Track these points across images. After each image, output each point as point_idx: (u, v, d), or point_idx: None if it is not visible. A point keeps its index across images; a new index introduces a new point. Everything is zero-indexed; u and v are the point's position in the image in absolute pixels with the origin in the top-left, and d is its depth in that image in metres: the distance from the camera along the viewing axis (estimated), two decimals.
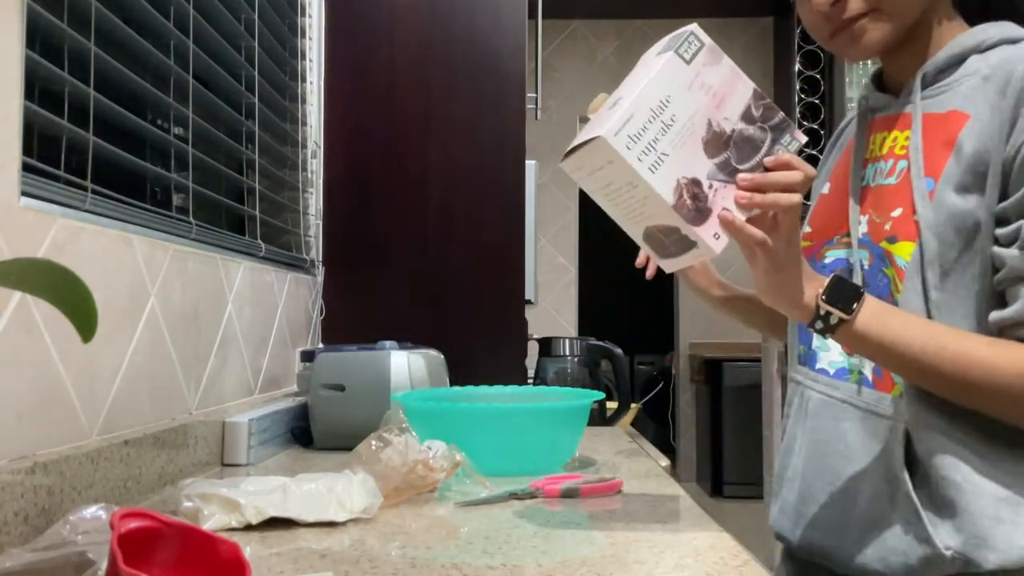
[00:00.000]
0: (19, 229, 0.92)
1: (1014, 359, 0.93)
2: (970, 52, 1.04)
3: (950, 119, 1.02)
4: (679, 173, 0.92)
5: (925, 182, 1.01)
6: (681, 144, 0.92)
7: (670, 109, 0.93)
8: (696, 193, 0.92)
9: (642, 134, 0.91)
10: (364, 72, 2.28)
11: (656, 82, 0.93)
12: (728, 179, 0.94)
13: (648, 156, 0.91)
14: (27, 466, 0.90)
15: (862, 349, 0.98)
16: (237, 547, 0.71)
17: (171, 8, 1.40)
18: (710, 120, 0.94)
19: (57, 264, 0.59)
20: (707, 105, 0.94)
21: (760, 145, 0.95)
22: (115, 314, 1.13)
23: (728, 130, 0.94)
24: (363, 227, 2.28)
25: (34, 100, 0.98)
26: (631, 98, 0.92)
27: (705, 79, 0.94)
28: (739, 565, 0.88)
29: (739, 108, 0.95)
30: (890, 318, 0.97)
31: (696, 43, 0.94)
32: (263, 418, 1.52)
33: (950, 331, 0.96)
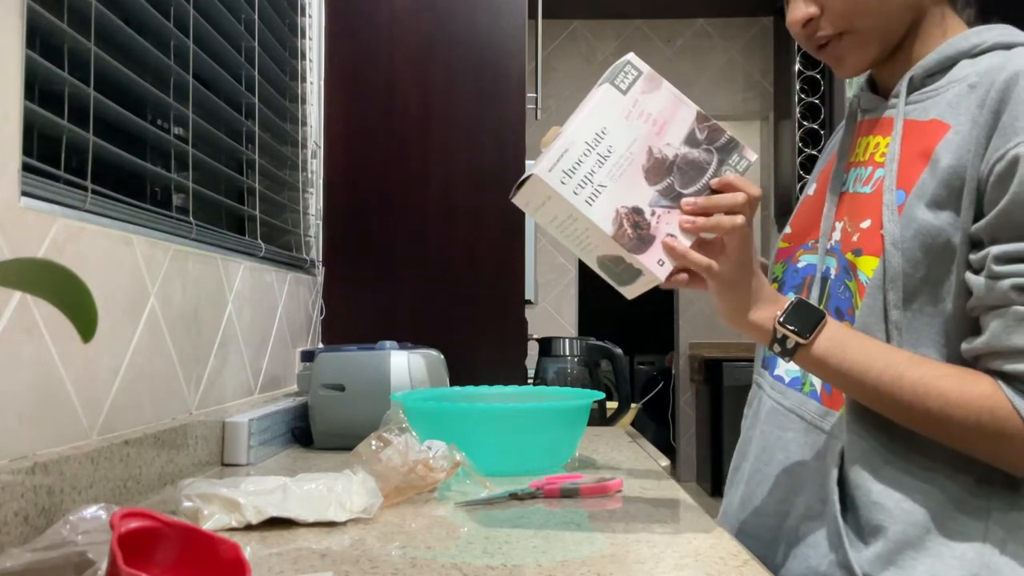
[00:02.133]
0: (19, 229, 0.92)
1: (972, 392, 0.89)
2: (961, 56, 0.99)
3: (931, 128, 0.96)
4: (618, 203, 0.93)
5: (896, 195, 0.96)
6: (620, 174, 0.93)
7: (606, 140, 0.93)
8: (637, 221, 0.93)
9: (577, 168, 0.92)
10: (364, 72, 2.28)
11: (591, 115, 0.94)
12: (672, 204, 0.94)
13: (584, 189, 0.92)
14: (27, 466, 0.90)
15: (820, 373, 0.96)
16: (237, 547, 0.71)
17: (171, 8, 1.40)
18: (651, 147, 0.94)
19: (57, 264, 0.59)
20: (647, 133, 0.94)
21: (706, 167, 0.95)
22: (115, 314, 1.13)
23: (671, 155, 0.94)
24: (363, 227, 2.28)
25: (34, 100, 0.98)
26: (565, 133, 0.93)
27: (644, 107, 0.95)
28: (739, 565, 0.88)
29: (682, 132, 0.95)
30: (850, 344, 0.94)
31: (633, 72, 0.95)
32: (263, 418, 1.52)
33: (910, 359, 0.93)
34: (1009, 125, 0.89)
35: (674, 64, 5.24)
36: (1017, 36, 0.99)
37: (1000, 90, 0.91)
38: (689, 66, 5.23)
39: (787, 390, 1.07)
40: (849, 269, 0.99)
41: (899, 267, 0.94)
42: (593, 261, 0.97)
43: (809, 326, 0.94)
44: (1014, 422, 0.88)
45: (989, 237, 0.90)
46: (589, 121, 0.94)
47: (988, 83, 0.93)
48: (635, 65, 0.96)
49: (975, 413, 0.89)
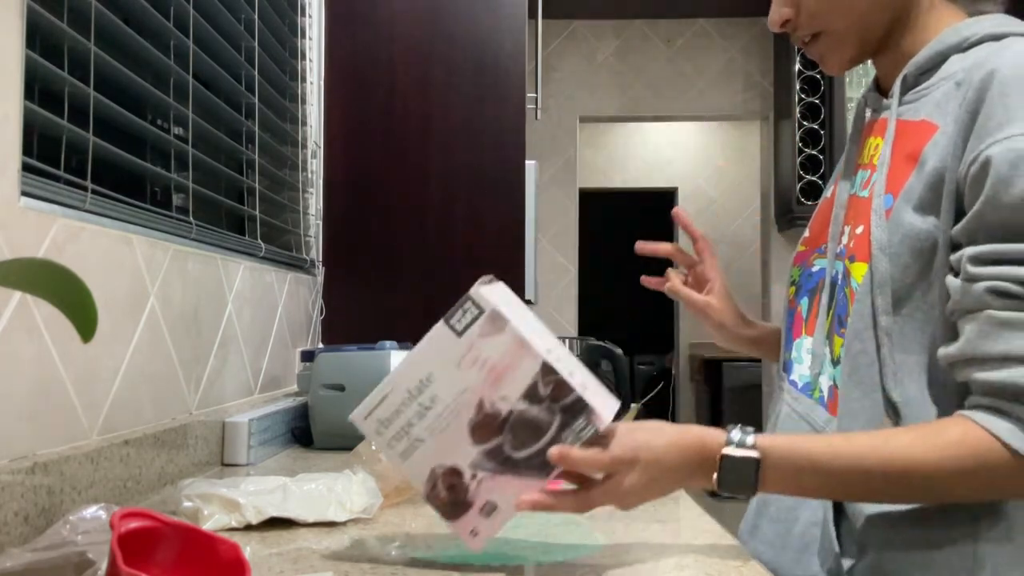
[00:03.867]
0: (19, 229, 0.92)
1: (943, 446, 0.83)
2: (952, 51, 0.96)
3: (920, 129, 0.94)
4: (434, 461, 0.83)
5: (884, 199, 0.93)
6: (441, 429, 0.83)
7: (431, 389, 0.83)
8: (453, 484, 0.83)
9: (395, 418, 0.84)
10: (364, 72, 2.28)
11: (417, 358, 0.84)
12: (499, 469, 0.82)
13: (400, 442, 0.84)
14: (27, 466, 0.90)
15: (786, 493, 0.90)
16: (237, 547, 0.71)
17: (171, 8, 1.40)
18: (482, 400, 0.82)
19: (57, 264, 0.59)
20: (479, 383, 0.82)
21: (544, 429, 0.82)
22: (115, 314, 1.13)
23: (504, 411, 0.82)
24: (363, 227, 2.28)
25: (34, 100, 0.98)
26: (388, 376, 0.85)
27: (480, 352, 0.82)
28: (739, 565, 0.88)
29: (522, 385, 0.82)
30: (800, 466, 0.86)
31: (473, 311, 0.83)
32: (263, 418, 1.52)
33: (866, 445, 0.86)
34: (983, 126, 0.86)
35: (674, 64, 5.25)
36: (1009, 25, 0.95)
37: (977, 89, 0.88)
38: (689, 66, 5.23)
39: (800, 396, 1.06)
40: (846, 276, 0.97)
41: (886, 272, 0.91)
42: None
43: (748, 481, 0.86)
44: (996, 451, 0.82)
45: (967, 239, 0.87)
46: (414, 365, 0.84)
47: (970, 80, 0.89)
48: (476, 302, 0.83)
49: (956, 465, 0.83)
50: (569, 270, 5.23)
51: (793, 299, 1.10)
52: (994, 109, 0.86)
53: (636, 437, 0.86)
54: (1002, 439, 0.81)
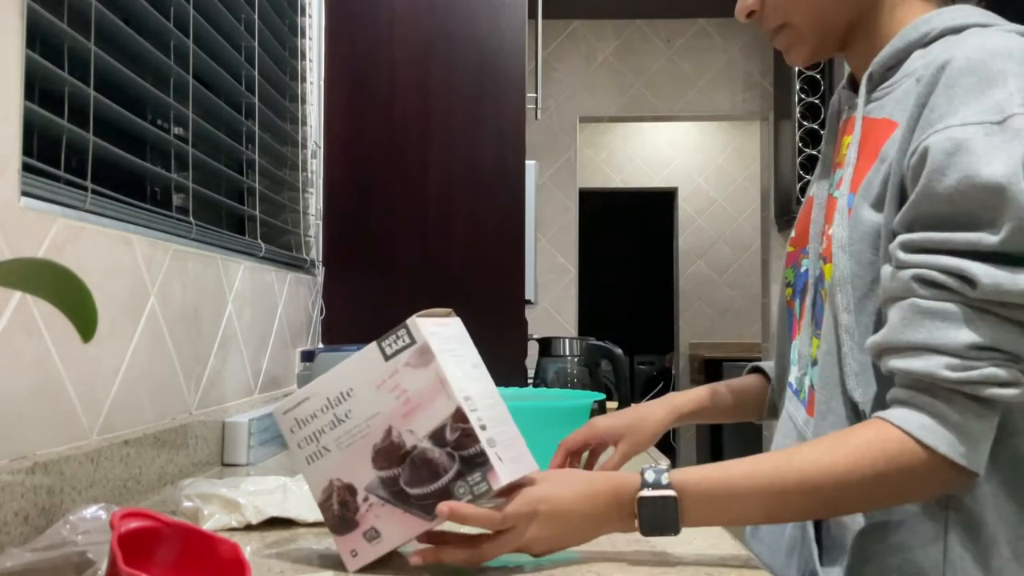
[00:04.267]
0: (19, 229, 0.92)
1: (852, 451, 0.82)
2: (913, 47, 0.94)
3: (883, 127, 0.93)
4: (334, 474, 0.84)
5: (848, 198, 0.93)
6: (348, 444, 0.84)
7: (348, 404, 0.84)
8: (346, 501, 0.84)
9: (309, 421, 0.85)
10: (364, 72, 2.28)
11: (343, 370, 0.84)
12: (390, 499, 0.82)
13: (309, 446, 0.85)
14: (27, 466, 0.90)
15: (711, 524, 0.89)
16: (237, 547, 0.71)
17: (171, 8, 1.40)
18: (391, 427, 0.82)
19: (57, 264, 0.59)
20: (393, 410, 0.82)
21: (441, 473, 0.81)
22: (115, 314, 1.13)
23: (408, 445, 0.82)
24: (363, 227, 2.28)
25: (34, 100, 0.98)
26: (315, 380, 0.86)
27: (401, 381, 0.82)
28: (739, 565, 0.88)
29: (431, 424, 0.82)
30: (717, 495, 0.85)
31: (405, 339, 0.83)
32: (263, 418, 1.52)
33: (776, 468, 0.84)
34: (927, 118, 0.85)
35: (674, 64, 5.25)
36: (969, 16, 0.93)
37: (927, 83, 0.86)
38: (689, 66, 5.23)
39: (792, 397, 1.06)
40: (821, 276, 0.97)
41: (847, 270, 0.90)
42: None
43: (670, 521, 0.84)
44: (909, 450, 0.81)
45: (904, 229, 0.85)
46: (339, 376, 0.84)
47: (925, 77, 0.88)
48: (410, 331, 0.83)
49: (869, 469, 0.81)
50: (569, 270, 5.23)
51: (791, 300, 1.10)
52: (938, 101, 0.85)
53: (538, 490, 0.85)
54: (914, 435, 0.80)
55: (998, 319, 0.80)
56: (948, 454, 0.80)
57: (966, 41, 0.88)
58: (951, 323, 0.80)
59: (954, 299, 0.81)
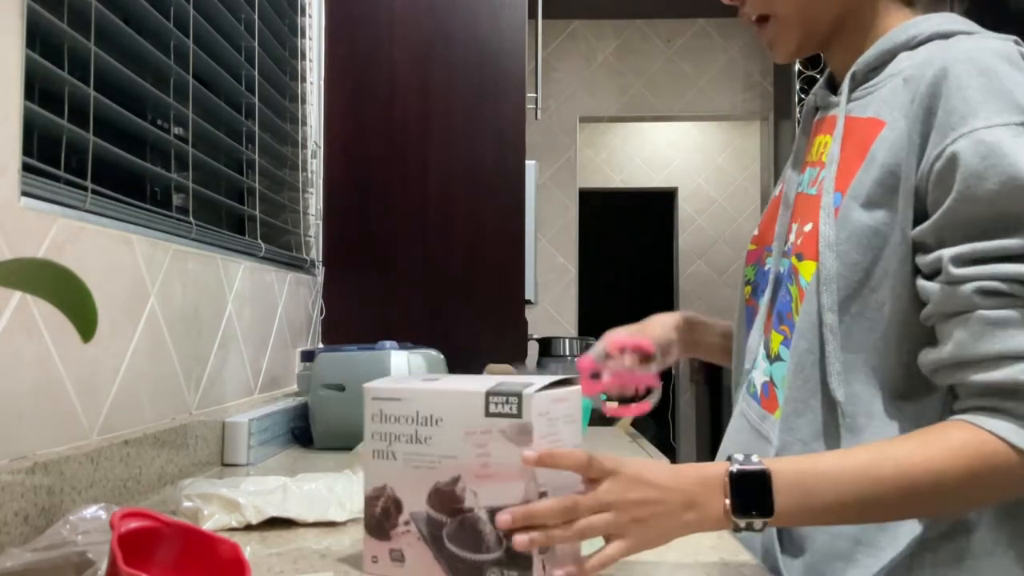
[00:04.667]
0: (19, 229, 0.92)
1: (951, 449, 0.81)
2: (900, 49, 0.95)
3: (868, 125, 0.93)
4: (392, 482, 0.82)
5: (834, 197, 0.92)
6: (415, 466, 0.81)
7: (433, 430, 0.80)
8: (390, 512, 0.82)
9: (392, 421, 0.82)
10: (364, 72, 2.28)
11: (445, 396, 0.80)
12: (428, 538, 0.80)
13: (382, 442, 0.83)
14: (27, 466, 0.90)
15: (800, 523, 0.88)
16: (237, 547, 0.71)
17: (171, 8, 1.40)
18: (460, 478, 0.79)
19: (57, 264, 0.59)
20: (469, 464, 0.78)
21: (483, 550, 0.78)
22: (115, 314, 1.13)
23: (467, 504, 0.78)
24: (363, 227, 2.28)
25: (34, 100, 0.98)
26: (414, 383, 0.83)
27: (489, 442, 0.78)
28: (739, 565, 0.88)
29: (497, 500, 0.77)
30: (811, 483, 0.82)
31: (513, 409, 0.77)
32: (263, 418, 1.52)
33: (872, 457, 0.83)
34: (944, 121, 0.84)
35: (674, 64, 5.25)
36: (956, 24, 0.94)
37: (930, 84, 0.86)
38: (689, 66, 5.23)
39: (745, 393, 1.06)
40: (792, 274, 0.97)
41: (833, 270, 0.90)
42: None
43: (763, 498, 0.81)
44: (1002, 452, 0.80)
45: (936, 239, 0.85)
46: (440, 399, 0.80)
47: (920, 77, 0.88)
48: (522, 405, 0.77)
49: (965, 468, 0.80)
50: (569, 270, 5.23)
51: (751, 298, 1.10)
52: (953, 104, 0.84)
53: (617, 459, 0.81)
54: (1008, 440, 0.80)
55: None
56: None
57: (960, 44, 0.89)
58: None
59: (1021, 304, 0.81)
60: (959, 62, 0.85)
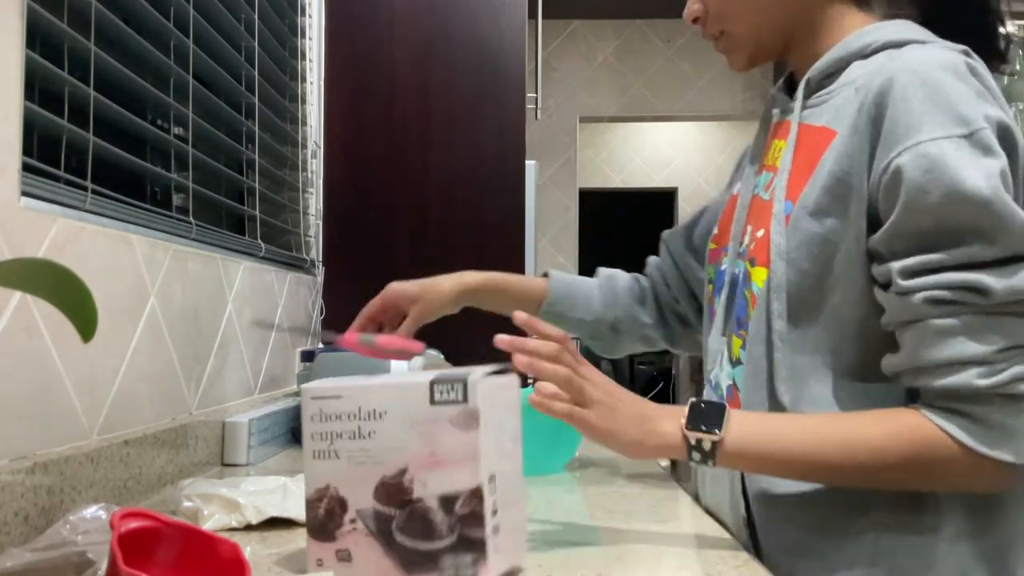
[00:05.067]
0: (19, 229, 0.92)
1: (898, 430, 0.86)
2: (853, 57, 0.96)
3: (821, 135, 0.94)
4: (334, 481, 0.80)
5: (785, 205, 0.94)
6: (359, 462, 0.79)
7: (376, 424, 0.79)
8: (334, 512, 0.80)
9: (332, 419, 0.80)
10: (364, 72, 2.28)
11: (387, 389, 0.80)
12: (376, 533, 0.79)
13: (322, 442, 0.81)
14: (27, 466, 0.90)
15: (745, 464, 0.92)
16: (237, 547, 0.71)
17: (171, 8, 1.40)
18: (407, 469, 0.78)
19: (57, 264, 0.59)
20: (416, 455, 0.78)
21: (435, 538, 0.77)
22: (115, 314, 1.13)
23: (416, 494, 0.78)
24: (363, 227, 2.28)
25: (34, 100, 0.98)
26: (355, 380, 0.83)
27: (436, 431, 0.77)
28: (739, 565, 0.88)
29: (446, 487, 0.77)
30: (762, 425, 0.90)
31: (459, 395, 0.77)
32: (263, 418, 1.52)
33: (827, 419, 0.89)
34: (890, 133, 0.86)
35: (674, 64, 5.25)
36: (910, 32, 0.95)
37: (876, 95, 0.88)
38: (689, 66, 5.23)
39: (710, 393, 1.09)
40: (747, 278, 0.98)
41: (783, 277, 0.92)
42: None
43: (717, 421, 0.89)
44: (946, 445, 0.84)
45: (887, 250, 0.88)
46: (381, 392, 0.80)
47: (868, 87, 0.90)
48: (467, 391, 0.77)
49: (907, 450, 0.85)
50: (569, 270, 5.23)
51: (712, 297, 1.12)
52: (898, 116, 0.86)
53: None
54: (952, 435, 0.84)
55: (1015, 317, 0.83)
56: (991, 454, 0.83)
57: (909, 54, 0.90)
58: (972, 335, 0.83)
59: (969, 311, 0.83)
60: (904, 73, 0.87)
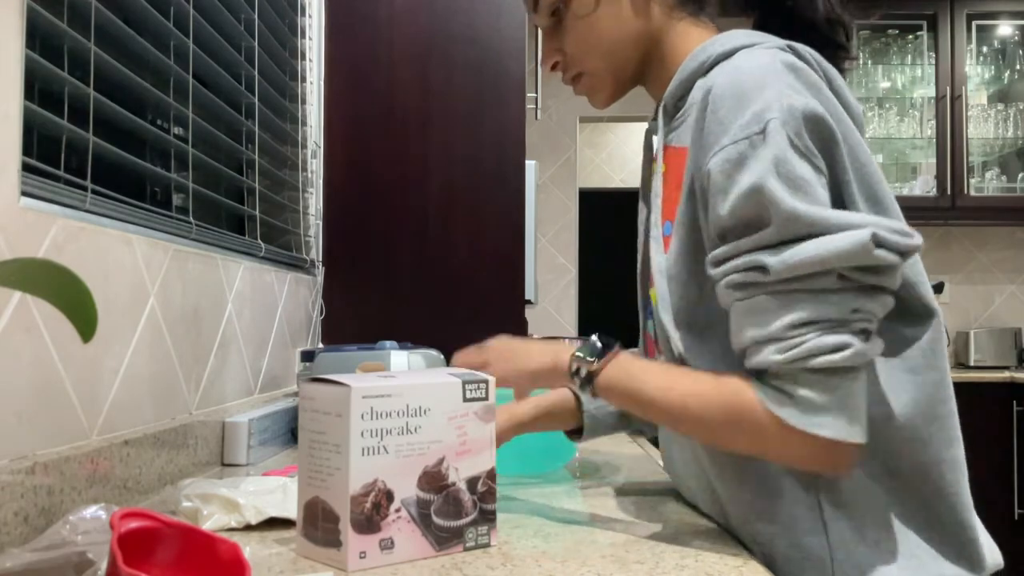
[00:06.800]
0: (19, 229, 0.92)
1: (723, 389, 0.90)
2: (695, 76, 1.00)
3: (681, 154, 0.99)
4: (382, 475, 0.86)
5: (664, 226, 0.99)
6: (406, 455, 0.87)
7: (422, 420, 0.88)
8: (381, 505, 0.85)
9: (382, 417, 0.86)
10: (364, 72, 2.28)
11: (429, 388, 0.90)
12: (417, 519, 0.87)
13: (371, 439, 0.85)
14: (27, 466, 0.90)
15: (615, 400, 0.99)
16: (237, 547, 0.71)
17: (171, 8, 1.40)
18: (444, 458, 0.90)
19: (57, 264, 0.59)
20: (451, 445, 0.90)
21: (463, 516, 0.91)
22: (115, 314, 1.13)
23: (450, 480, 0.90)
24: (363, 227, 2.28)
25: (34, 100, 0.98)
26: (398, 380, 0.89)
27: (466, 424, 0.91)
28: (739, 565, 0.88)
29: (471, 471, 0.92)
30: (635, 368, 0.97)
31: (482, 393, 0.93)
32: (263, 418, 1.52)
33: (686, 372, 0.94)
34: (706, 141, 0.91)
35: None
36: (739, 39, 0.98)
37: (699, 107, 0.93)
38: None
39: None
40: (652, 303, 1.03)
41: (666, 292, 0.97)
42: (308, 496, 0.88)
43: (600, 354, 0.97)
44: (761, 412, 0.87)
45: (710, 247, 0.93)
46: (426, 391, 0.89)
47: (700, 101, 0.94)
48: (488, 389, 0.94)
49: (727, 410, 0.89)
50: (569, 270, 5.23)
51: (644, 327, 1.15)
52: (711, 124, 0.91)
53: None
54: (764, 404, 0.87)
55: (806, 294, 0.85)
56: (799, 426, 0.86)
57: (732, 63, 0.95)
58: (765, 312, 0.87)
59: (759, 291, 0.87)
60: (719, 83, 0.92)
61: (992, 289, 4.59)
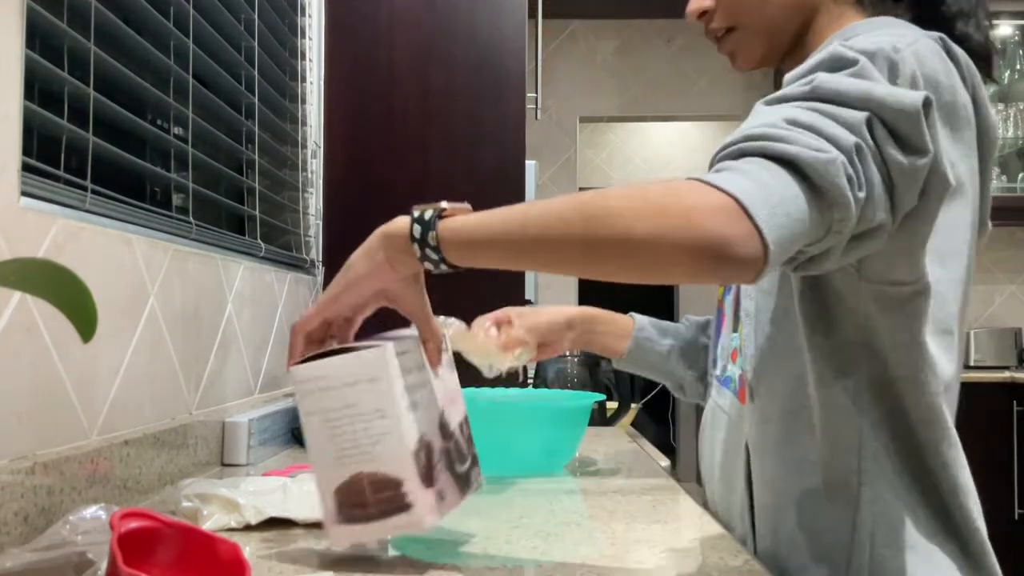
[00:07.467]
0: (19, 229, 0.92)
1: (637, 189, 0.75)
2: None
3: None
4: (424, 429, 0.86)
5: None
6: (426, 408, 0.87)
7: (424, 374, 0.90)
8: (431, 456, 0.86)
9: (408, 373, 0.86)
10: (364, 72, 2.28)
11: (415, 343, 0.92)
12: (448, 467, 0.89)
13: (408, 396, 0.84)
14: (27, 466, 0.90)
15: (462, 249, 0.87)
16: (237, 547, 0.71)
17: (171, 8, 1.40)
18: (444, 411, 0.92)
19: (57, 264, 0.59)
20: (444, 395, 0.93)
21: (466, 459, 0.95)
22: (115, 314, 1.13)
23: (452, 429, 0.93)
24: (363, 227, 2.26)
25: (34, 100, 0.98)
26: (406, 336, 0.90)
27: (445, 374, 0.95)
28: (739, 565, 0.88)
29: (458, 418, 0.95)
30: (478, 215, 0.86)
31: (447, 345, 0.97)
32: (263, 418, 1.52)
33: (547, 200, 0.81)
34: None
35: (674, 64, 5.24)
36: (888, 25, 0.93)
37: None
38: (689, 66, 5.22)
39: (721, 388, 1.09)
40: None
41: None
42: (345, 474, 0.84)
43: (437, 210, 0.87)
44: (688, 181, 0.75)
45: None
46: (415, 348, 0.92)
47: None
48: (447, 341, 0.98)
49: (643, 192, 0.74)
50: None
51: (721, 299, 1.14)
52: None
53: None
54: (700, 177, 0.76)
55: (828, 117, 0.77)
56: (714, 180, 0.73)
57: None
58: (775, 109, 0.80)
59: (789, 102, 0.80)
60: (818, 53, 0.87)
61: (992, 289, 4.59)
